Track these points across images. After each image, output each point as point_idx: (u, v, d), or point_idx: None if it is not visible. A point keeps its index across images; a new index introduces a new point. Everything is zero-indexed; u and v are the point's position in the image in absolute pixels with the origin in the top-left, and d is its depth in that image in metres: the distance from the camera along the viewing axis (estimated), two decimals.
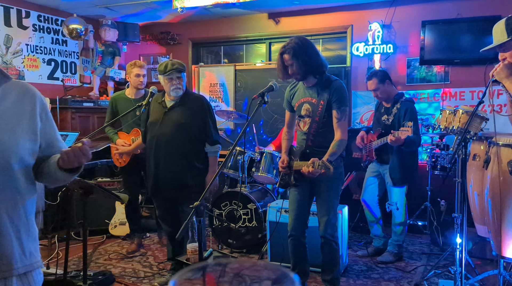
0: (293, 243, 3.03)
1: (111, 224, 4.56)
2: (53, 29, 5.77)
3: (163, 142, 3.18)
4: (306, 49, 2.79)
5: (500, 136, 2.79)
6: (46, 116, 1.53)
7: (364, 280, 3.51)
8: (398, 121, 3.70)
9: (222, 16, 6.05)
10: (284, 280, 0.52)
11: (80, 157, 1.43)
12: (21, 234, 1.42)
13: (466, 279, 3.04)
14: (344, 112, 2.84)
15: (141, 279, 3.54)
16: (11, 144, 1.38)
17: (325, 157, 2.74)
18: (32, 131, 1.46)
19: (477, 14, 4.82)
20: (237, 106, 5.78)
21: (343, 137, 2.83)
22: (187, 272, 0.52)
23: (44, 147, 1.52)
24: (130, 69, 4.00)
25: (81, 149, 1.42)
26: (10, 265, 1.38)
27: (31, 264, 1.46)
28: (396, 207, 3.81)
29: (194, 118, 3.19)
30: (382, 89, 3.79)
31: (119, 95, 4.08)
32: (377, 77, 3.78)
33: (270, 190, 4.42)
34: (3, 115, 1.40)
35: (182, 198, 3.21)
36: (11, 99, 1.44)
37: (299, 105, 3.00)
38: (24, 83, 1.53)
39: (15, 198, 1.41)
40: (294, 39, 2.83)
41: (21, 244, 1.42)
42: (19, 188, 1.42)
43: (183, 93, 3.22)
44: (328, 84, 2.86)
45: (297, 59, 2.78)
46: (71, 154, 1.42)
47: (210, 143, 3.25)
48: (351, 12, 5.45)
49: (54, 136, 1.57)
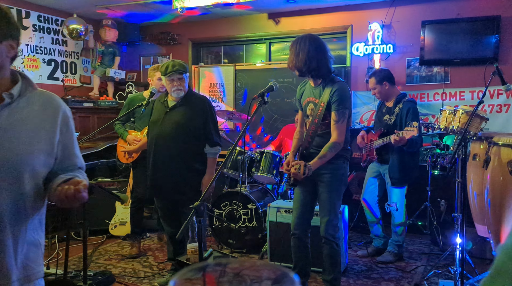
0: (295, 242, 3.03)
1: (111, 224, 4.56)
2: (53, 29, 5.77)
3: (162, 142, 3.18)
4: (313, 48, 2.80)
5: (500, 136, 2.79)
6: (67, 129, 1.50)
7: (364, 280, 3.51)
8: (400, 122, 3.70)
9: (222, 16, 6.05)
10: (284, 280, 0.52)
11: (72, 202, 1.37)
12: (22, 247, 1.40)
13: (466, 279, 3.04)
14: (343, 115, 2.80)
15: (141, 279, 3.54)
16: (26, 154, 1.37)
17: (314, 160, 2.78)
18: (50, 143, 1.44)
19: (477, 14, 4.82)
20: (237, 106, 5.78)
21: (338, 140, 2.80)
22: (187, 272, 0.53)
23: (60, 159, 1.49)
24: (152, 73, 3.99)
25: (75, 194, 1.35)
26: (8, 278, 1.37)
27: (30, 275, 1.44)
28: (396, 207, 3.81)
29: (195, 119, 3.18)
30: (379, 89, 3.84)
31: (137, 97, 4.06)
32: (375, 77, 3.83)
33: (270, 190, 4.43)
34: (22, 125, 1.38)
35: (179, 199, 3.21)
36: (34, 109, 1.42)
37: (305, 104, 3.00)
38: (50, 95, 1.51)
39: (21, 211, 1.39)
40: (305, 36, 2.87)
41: (21, 257, 1.40)
42: (26, 200, 1.40)
43: (185, 94, 3.22)
44: (331, 85, 2.85)
45: (297, 56, 2.80)
46: (63, 196, 1.36)
47: (210, 144, 3.24)
48: (351, 12, 5.45)
49: (71, 150, 1.53)
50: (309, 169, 2.75)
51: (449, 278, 3.34)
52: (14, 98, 1.39)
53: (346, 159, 2.94)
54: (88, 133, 4.74)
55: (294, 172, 2.75)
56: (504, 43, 4.75)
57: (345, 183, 2.98)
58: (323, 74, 2.86)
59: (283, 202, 3.81)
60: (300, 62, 2.79)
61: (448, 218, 4.21)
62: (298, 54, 2.80)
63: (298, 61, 2.80)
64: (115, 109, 5.97)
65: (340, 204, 2.97)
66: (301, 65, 2.80)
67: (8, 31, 1.37)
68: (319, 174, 2.87)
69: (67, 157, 1.52)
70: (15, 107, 1.39)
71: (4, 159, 1.34)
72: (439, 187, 4.47)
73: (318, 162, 2.77)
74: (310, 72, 2.84)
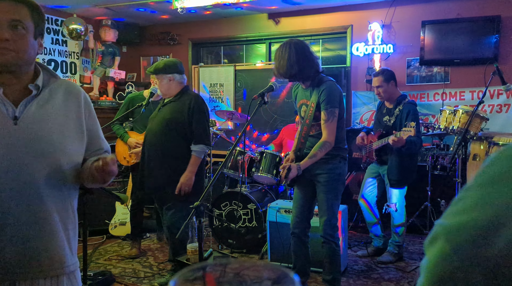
0: (294, 241, 3.04)
1: (111, 224, 4.56)
2: (53, 29, 5.77)
3: (151, 137, 3.22)
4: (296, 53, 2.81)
5: (500, 136, 2.79)
6: (90, 113, 1.54)
7: (364, 280, 3.51)
8: (399, 123, 3.69)
9: (222, 16, 6.06)
10: (284, 280, 0.52)
11: (102, 176, 1.42)
12: (69, 233, 1.46)
13: None
14: (332, 114, 2.81)
15: (141, 279, 3.54)
16: (61, 144, 1.40)
17: (304, 160, 2.80)
18: (80, 130, 1.48)
19: (477, 14, 4.82)
20: (237, 106, 5.78)
21: (328, 139, 2.81)
22: (187, 272, 0.52)
23: (88, 144, 1.53)
24: None
25: (104, 168, 1.40)
26: (62, 263, 1.41)
27: (77, 262, 1.50)
28: (396, 208, 3.81)
29: (180, 115, 3.16)
30: (385, 88, 3.80)
31: (137, 96, 4.04)
32: (383, 76, 3.80)
33: (270, 190, 4.42)
34: (51, 116, 1.41)
35: (160, 196, 3.23)
36: (58, 99, 1.45)
37: (299, 107, 3.03)
38: (68, 82, 1.55)
39: (65, 198, 1.44)
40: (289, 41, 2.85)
41: (69, 243, 1.45)
42: (70, 188, 1.45)
43: (180, 91, 3.25)
44: (319, 85, 2.86)
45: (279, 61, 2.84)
46: (94, 172, 1.42)
47: (194, 142, 3.19)
48: (351, 12, 5.45)
49: (97, 133, 1.57)
50: (298, 169, 2.78)
51: None
52: (39, 89, 1.42)
53: (343, 159, 2.94)
54: None
55: (284, 172, 2.80)
56: (504, 43, 4.75)
57: (343, 183, 2.98)
58: (309, 76, 2.87)
59: (283, 202, 3.81)
60: (282, 68, 2.82)
61: None
62: (280, 61, 2.83)
63: (280, 68, 2.83)
64: (115, 109, 5.96)
65: (338, 203, 2.97)
66: (284, 72, 2.83)
67: (43, 29, 1.44)
68: (316, 174, 2.87)
69: (94, 140, 1.55)
70: (42, 98, 1.42)
71: (42, 150, 1.37)
72: (439, 187, 4.47)
73: (308, 161, 2.80)
74: (294, 77, 2.86)
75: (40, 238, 1.36)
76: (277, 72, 2.87)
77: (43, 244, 1.37)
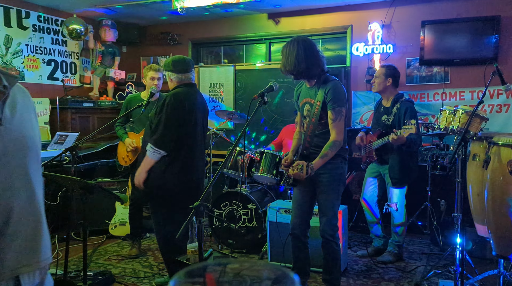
0: (294, 242, 3.04)
1: (111, 224, 4.56)
2: (53, 30, 5.77)
3: (145, 137, 3.20)
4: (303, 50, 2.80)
5: (500, 136, 2.79)
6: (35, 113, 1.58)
7: (364, 280, 3.51)
8: (398, 121, 3.70)
9: (222, 16, 6.06)
10: (284, 280, 0.52)
11: None
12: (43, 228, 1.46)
13: (466, 279, 3.04)
14: (340, 113, 2.81)
15: (141, 279, 3.54)
16: (37, 139, 1.42)
17: (316, 159, 2.77)
18: (38, 126, 1.50)
19: (477, 14, 4.82)
20: (237, 106, 5.78)
21: (337, 138, 2.80)
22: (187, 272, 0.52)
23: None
24: (146, 72, 4.02)
25: None
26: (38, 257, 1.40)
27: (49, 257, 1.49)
28: (396, 208, 3.81)
29: (154, 114, 3.01)
30: (381, 81, 3.81)
31: (135, 97, 4.10)
32: (386, 69, 3.84)
33: (270, 190, 4.42)
34: (23, 113, 1.42)
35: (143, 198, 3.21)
36: (19, 97, 1.46)
37: (302, 105, 3.01)
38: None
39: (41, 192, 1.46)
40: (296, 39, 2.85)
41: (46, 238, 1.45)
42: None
43: (173, 89, 3.18)
44: (325, 84, 2.86)
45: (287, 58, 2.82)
46: None
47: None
48: (351, 12, 5.45)
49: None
50: (311, 169, 2.74)
51: (449, 278, 3.34)
52: (8, 88, 1.43)
53: (344, 159, 2.94)
54: (88, 133, 4.74)
55: (296, 172, 2.73)
56: (504, 43, 4.76)
57: (343, 183, 2.98)
58: (315, 74, 2.87)
59: (283, 202, 3.81)
60: (290, 65, 2.81)
61: (448, 218, 4.21)
62: (287, 58, 2.82)
63: (288, 65, 2.82)
64: (115, 109, 5.98)
65: (338, 203, 2.97)
66: (291, 69, 2.82)
67: None
68: (317, 174, 2.87)
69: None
70: (10, 98, 1.42)
71: (29, 147, 1.38)
72: (439, 187, 4.47)
73: (320, 161, 2.77)
74: (301, 74, 2.85)
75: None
76: (284, 69, 2.87)
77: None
